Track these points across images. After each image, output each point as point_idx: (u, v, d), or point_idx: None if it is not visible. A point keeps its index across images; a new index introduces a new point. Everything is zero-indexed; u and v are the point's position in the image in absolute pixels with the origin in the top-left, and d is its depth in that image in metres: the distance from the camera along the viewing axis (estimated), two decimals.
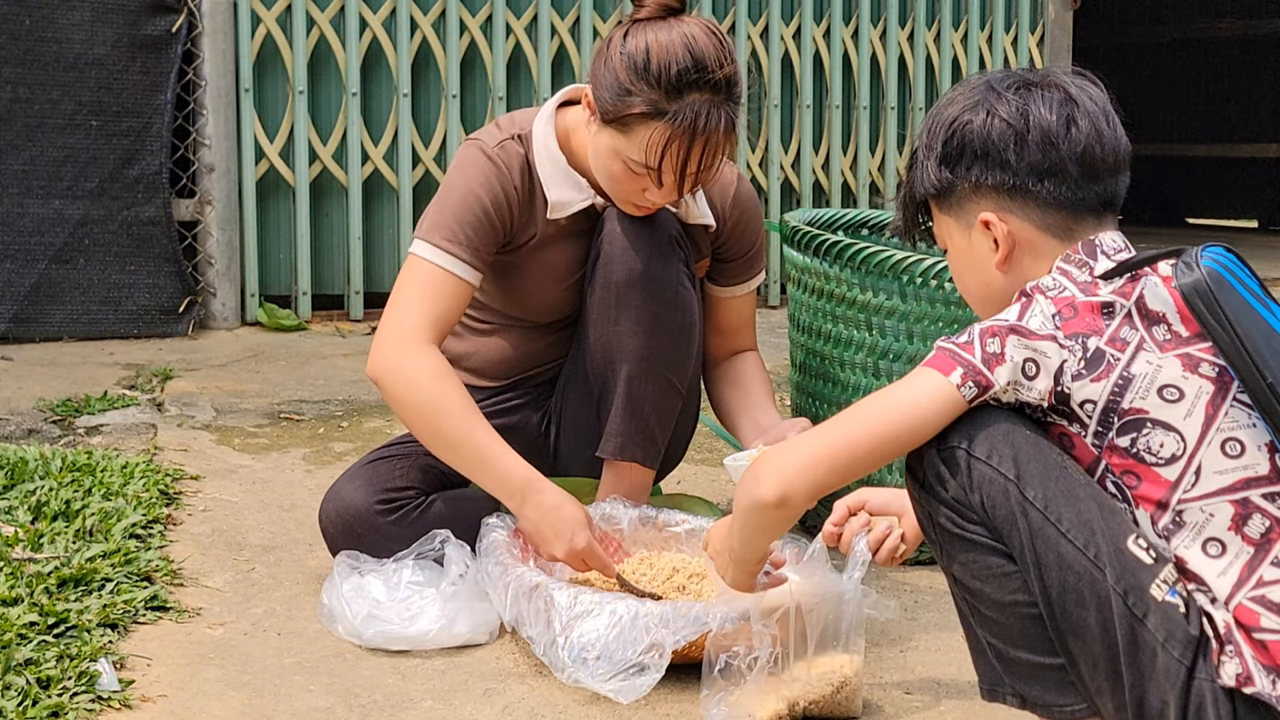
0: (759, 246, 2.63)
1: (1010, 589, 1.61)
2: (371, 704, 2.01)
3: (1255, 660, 1.52)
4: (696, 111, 2.23)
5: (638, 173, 2.30)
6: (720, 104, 2.26)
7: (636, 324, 2.37)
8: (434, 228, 2.38)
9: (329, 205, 5.02)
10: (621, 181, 2.32)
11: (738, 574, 1.90)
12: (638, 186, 2.32)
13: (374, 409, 3.73)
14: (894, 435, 1.64)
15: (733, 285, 2.62)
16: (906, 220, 1.86)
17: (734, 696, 1.95)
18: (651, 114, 2.24)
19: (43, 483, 2.76)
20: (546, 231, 2.46)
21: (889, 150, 6.01)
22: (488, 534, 2.28)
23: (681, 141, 2.24)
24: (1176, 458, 1.57)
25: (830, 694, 1.99)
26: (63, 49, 4.50)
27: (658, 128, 2.24)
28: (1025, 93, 1.72)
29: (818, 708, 1.99)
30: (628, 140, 2.27)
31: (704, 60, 2.24)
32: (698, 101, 2.24)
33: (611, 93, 2.27)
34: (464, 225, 2.37)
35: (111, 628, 2.18)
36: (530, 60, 5.25)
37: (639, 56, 2.24)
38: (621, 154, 2.29)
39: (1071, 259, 1.69)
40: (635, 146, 2.27)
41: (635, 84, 2.24)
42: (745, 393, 2.60)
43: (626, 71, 2.25)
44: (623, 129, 2.27)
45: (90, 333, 4.56)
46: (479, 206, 2.38)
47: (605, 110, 2.29)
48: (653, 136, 2.24)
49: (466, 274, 2.37)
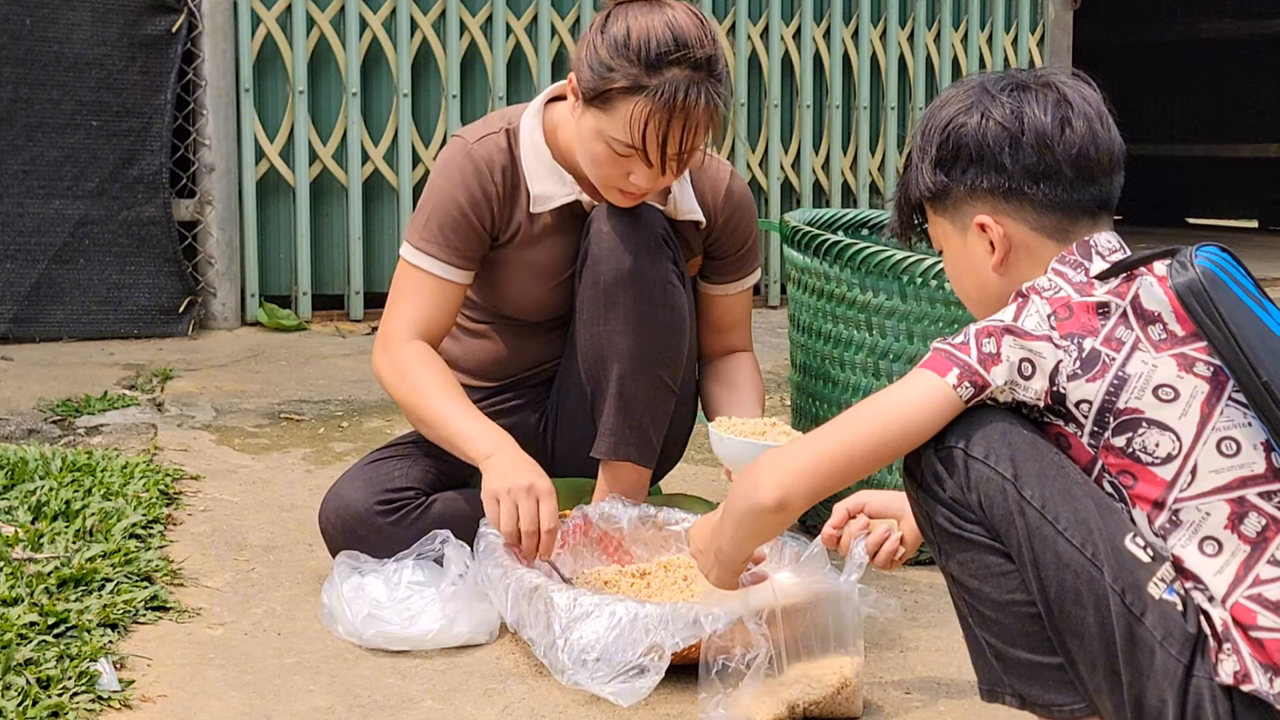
0: (752, 244, 2.62)
1: (1008, 588, 1.61)
2: (371, 704, 2.01)
3: (1253, 658, 1.52)
4: (676, 86, 2.25)
5: (621, 154, 2.30)
6: (701, 81, 2.27)
7: (626, 323, 2.37)
8: (416, 230, 2.47)
9: (329, 205, 5.02)
10: (605, 165, 2.33)
11: (723, 574, 1.89)
12: (621, 170, 2.33)
13: (374, 409, 3.74)
14: (892, 437, 1.65)
15: (725, 283, 2.61)
16: (902, 222, 1.86)
17: (732, 698, 1.95)
18: (632, 88, 2.25)
19: (43, 483, 2.76)
20: (531, 228, 2.46)
21: (889, 150, 6.01)
22: (487, 535, 2.29)
23: (661, 116, 2.25)
24: (1172, 457, 1.58)
25: (830, 695, 1.99)
26: (63, 49, 4.50)
27: (638, 102, 2.25)
28: (1020, 94, 1.72)
29: (818, 709, 1.99)
30: (610, 118, 2.28)
31: (685, 38, 2.26)
32: (678, 77, 2.25)
33: (593, 71, 2.29)
34: (443, 228, 2.43)
35: (111, 628, 2.18)
36: (530, 60, 5.26)
37: (620, 34, 2.27)
38: (604, 134, 2.30)
39: (1067, 260, 1.69)
40: (617, 124, 2.28)
41: (616, 60, 2.27)
42: (733, 391, 2.58)
43: (608, 49, 2.28)
44: (604, 107, 2.29)
45: (90, 333, 4.56)
46: (455, 208, 2.43)
47: (587, 89, 2.30)
48: (634, 112, 2.25)
49: (448, 274, 2.43)
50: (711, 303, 2.63)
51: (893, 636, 2.33)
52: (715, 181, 2.55)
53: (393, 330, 2.45)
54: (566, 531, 2.38)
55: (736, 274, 2.61)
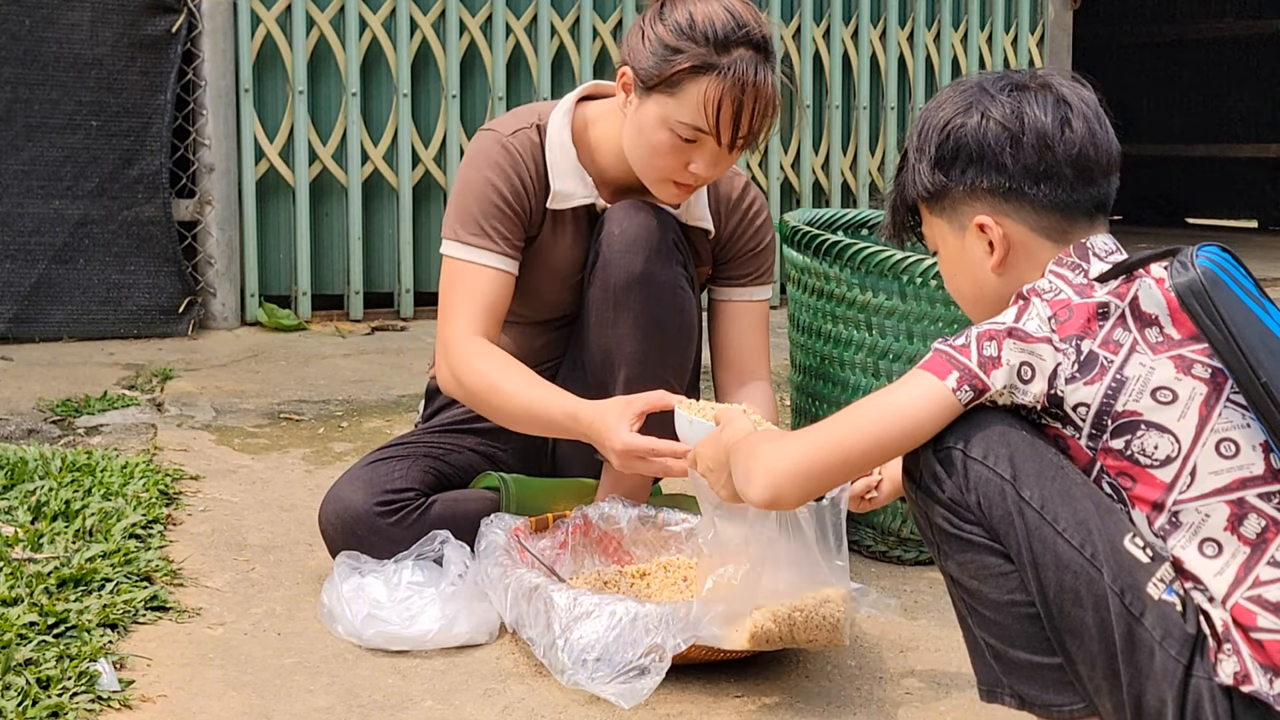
0: (764, 250, 2.61)
1: (1008, 588, 1.61)
2: (371, 704, 2.01)
3: (1252, 659, 1.52)
4: (745, 64, 2.28)
5: (686, 139, 2.30)
6: (763, 61, 2.30)
7: (635, 326, 2.37)
8: (457, 225, 2.41)
9: (329, 205, 5.02)
10: (666, 154, 2.33)
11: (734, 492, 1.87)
12: (682, 160, 2.33)
13: (374, 409, 3.74)
14: (890, 439, 1.65)
15: (733, 285, 2.60)
16: (896, 223, 1.86)
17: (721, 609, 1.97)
18: (701, 68, 2.27)
19: (43, 483, 2.76)
20: (549, 226, 2.46)
21: (889, 150, 6.01)
22: (486, 535, 2.29)
23: (734, 94, 2.27)
24: (1171, 459, 1.58)
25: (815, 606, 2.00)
26: (63, 49, 4.50)
27: (709, 82, 2.27)
28: (1018, 95, 1.72)
29: (803, 616, 2.00)
30: (677, 102, 2.29)
31: (743, 19, 2.30)
32: (745, 56, 2.28)
33: (657, 57, 2.30)
34: (487, 217, 2.40)
35: (111, 628, 2.18)
36: (530, 60, 5.25)
37: (683, 19, 2.29)
38: (669, 120, 2.30)
39: (1065, 262, 1.69)
40: (686, 107, 2.28)
41: (682, 42, 2.28)
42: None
43: (671, 34, 2.29)
44: (671, 91, 2.29)
45: (90, 333, 4.56)
46: (497, 196, 2.41)
47: (650, 75, 2.30)
48: (707, 92, 2.27)
49: (499, 263, 2.40)
50: (722, 313, 2.61)
51: (893, 636, 2.33)
52: (729, 190, 2.56)
53: (454, 334, 2.37)
54: (567, 531, 2.39)
55: (744, 276, 2.60)
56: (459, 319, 2.38)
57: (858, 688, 2.12)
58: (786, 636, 2.02)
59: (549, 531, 2.37)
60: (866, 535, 2.74)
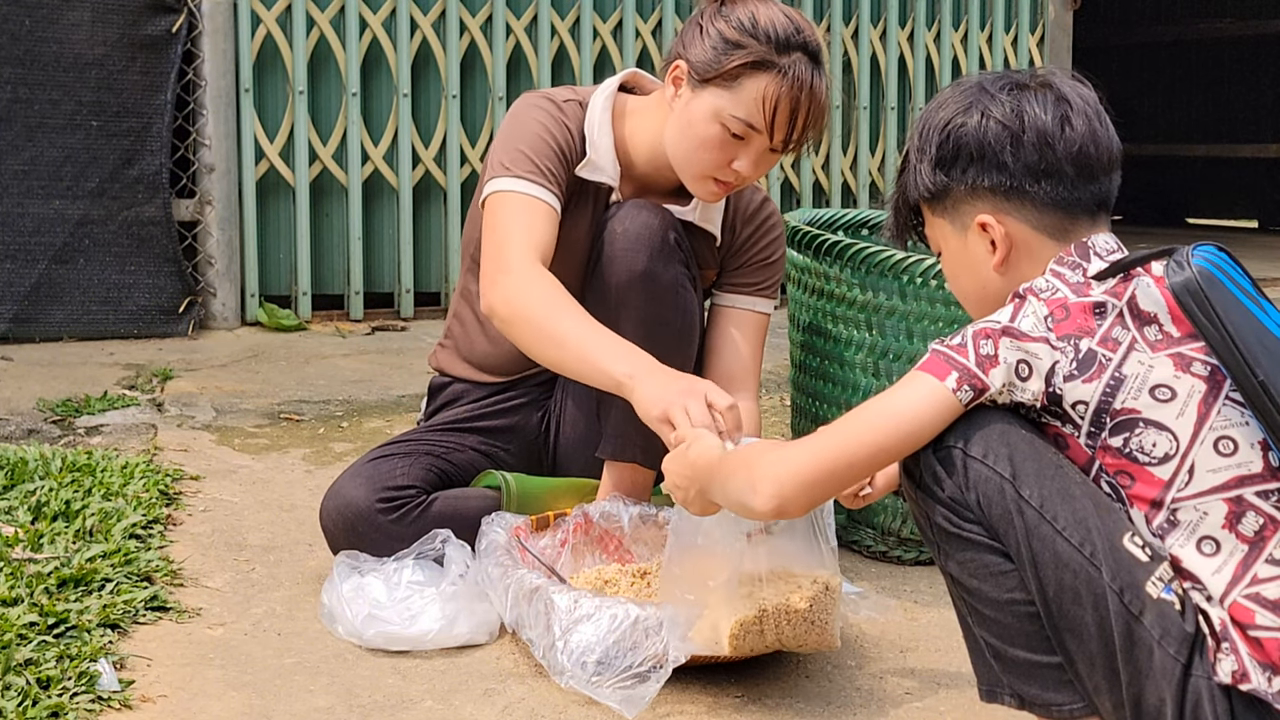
0: (774, 265, 2.61)
1: (1007, 587, 1.61)
2: (372, 704, 2.01)
3: (1251, 657, 1.52)
4: (803, 68, 2.31)
5: (737, 134, 2.32)
6: (818, 69, 2.34)
7: (636, 324, 2.37)
8: (510, 163, 2.37)
9: (329, 205, 5.02)
10: (713, 149, 2.34)
11: (705, 507, 1.91)
12: (728, 156, 2.34)
13: (374, 409, 3.74)
14: (892, 443, 1.65)
15: (735, 292, 2.60)
16: (899, 224, 1.86)
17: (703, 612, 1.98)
18: (761, 64, 2.30)
19: (43, 483, 2.76)
20: (573, 200, 2.46)
21: (889, 150, 6.01)
22: (487, 534, 2.29)
23: (791, 94, 2.30)
24: (1169, 457, 1.58)
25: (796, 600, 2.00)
26: (63, 49, 4.50)
27: (769, 80, 2.30)
28: (1018, 93, 1.72)
29: (787, 613, 2.00)
30: (734, 97, 2.31)
31: (801, 26, 2.35)
32: (802, 59, 2.32)
33: (717, 50, 2.32)
34: (538, 155, 2.39)
35: (111, 628, 2.18)
36: (530, 60, 5.26)
37: (746, 18, 2.33)
38: (722, 114, 2.32)
39: (1065, 260, 1.69)
40: (743, 102, 2.31)
41: (744, 38, 2.31)
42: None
43: (734, 30, 2.32)
44: (728, 85, 2.31)
45: (90, 333, 4.56)
46: (550, 138, 2.41)
47: (707, 68, 2.33)
48: (766, 89, 2.30)
49: (552, 200, 2.37)
50: (721, 318, 2.60)
51: (893, 636, 2.33)
52: (749, 202, 2.59)
53: (509, 256, 2.25)
54: (567, 530, 2.39)
55: (750, 285, 2.59)
56: (517, 242, 2.28)
57: (858, 688, 2.12)
58: (771, 640, 2.01)
59: (550, 530, 2.37)
60: (866, 535, 2.74)
